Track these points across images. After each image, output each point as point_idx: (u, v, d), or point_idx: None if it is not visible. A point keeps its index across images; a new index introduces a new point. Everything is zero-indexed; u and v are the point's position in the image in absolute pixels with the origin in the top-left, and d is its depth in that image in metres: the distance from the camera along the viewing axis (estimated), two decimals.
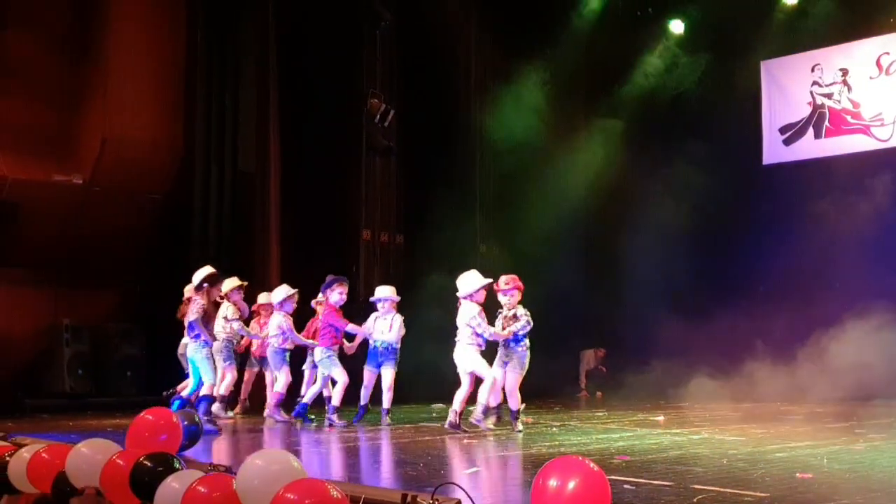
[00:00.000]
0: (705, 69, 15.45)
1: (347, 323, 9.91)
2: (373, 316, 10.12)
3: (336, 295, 9.87)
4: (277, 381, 10.32)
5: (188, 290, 10.48)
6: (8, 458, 5.92)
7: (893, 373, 13.31)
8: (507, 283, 9.11)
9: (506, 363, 9.01)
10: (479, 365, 8.96)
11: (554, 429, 9.37)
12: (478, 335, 8.89)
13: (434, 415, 11.07)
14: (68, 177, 12.77)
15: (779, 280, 14.93)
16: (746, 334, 14.87)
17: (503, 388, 9.12)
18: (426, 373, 11.69)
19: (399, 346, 10.04)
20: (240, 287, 10.18)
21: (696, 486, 5.27)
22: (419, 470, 6.36)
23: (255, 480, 4.26)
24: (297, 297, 10.26)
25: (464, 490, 3.98)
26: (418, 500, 4.02)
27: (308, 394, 10.21)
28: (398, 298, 10.14)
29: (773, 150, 15.83)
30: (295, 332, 10.20)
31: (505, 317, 9.12)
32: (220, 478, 4.57)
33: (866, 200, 14.28)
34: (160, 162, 13.34)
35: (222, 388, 9.85)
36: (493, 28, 15.52)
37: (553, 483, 3.61)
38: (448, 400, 9.45)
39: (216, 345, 9.62)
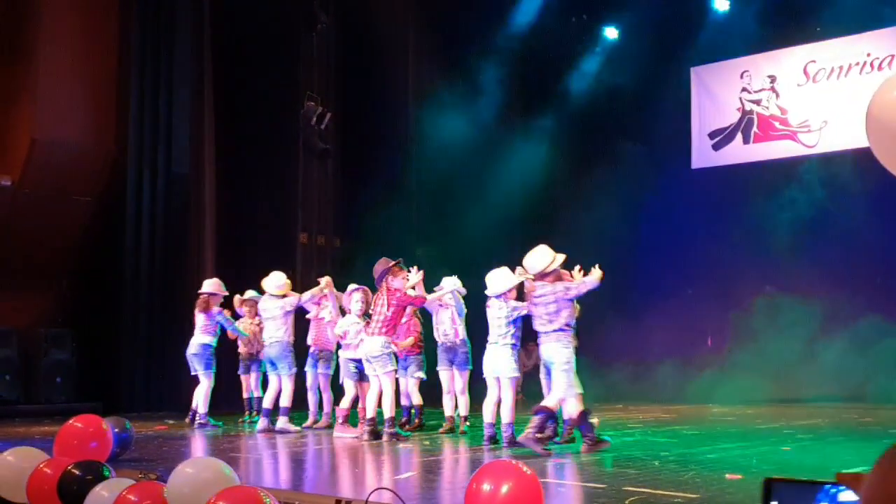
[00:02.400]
0: (637, 74, 15.68)
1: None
2: None
3: (399, 281, 8.75)
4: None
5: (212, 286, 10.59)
6: None
7: (820, 375, 13.67)
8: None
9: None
10: (512, 369, 8.01)
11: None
12: (515, 326, 7.93)
13: None
14: None
15: (707, 282, 15.24)
16: (676, 336, 15.14)
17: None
18: None
19: None
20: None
21: (629, 488, 5.34)
22: (355, 475, 6.35)
23: (185, 488, 4.22)
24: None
25: (396, 494, 3.98)
26: None
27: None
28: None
29: (702, 155, 16.14)
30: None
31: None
32: (151, 486, 4.51)
33: (793, 205, 14.63)
34: (92, 164, 13.10)
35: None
36: (431, 31, 15.56)
37: (486, 487, 3.63)
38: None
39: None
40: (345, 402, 9.21)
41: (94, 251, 13.26)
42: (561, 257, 7.72)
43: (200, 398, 10.52)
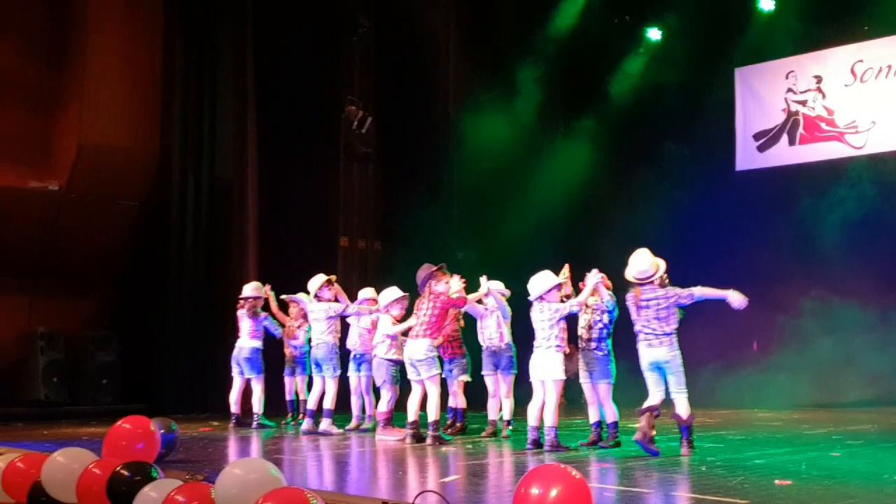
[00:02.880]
0: (681, 76, 15.52)
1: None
2: None
3: (442, 285, 8.89)
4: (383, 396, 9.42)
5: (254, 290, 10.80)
6: None
7: (868, 379, 13.44)
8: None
9: (590, 373, 8.41)
10: (557, 373, 8.04)
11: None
12: (559, 328, 8.00)
13: None
14: (44, 183, 12.67)
15: (752, 285, 14.96)
16: (720, 340, 14.94)
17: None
18: None
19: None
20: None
21: (676, 494, 5.28)
22: (399, 478, 6.34)
23: (233, 489, 4.23)
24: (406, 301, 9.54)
25: (443, 497, 3.96)
26: None
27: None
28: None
29: (747, 157, 15.94)
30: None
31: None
32: (198, 487, 4.53)
33: (840, 207, 14.40)
34: (137, 168, 13.25)
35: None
36: (471, 33, 15.54)
37: (535, 491, 3.60)
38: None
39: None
40: (384, 406, 9.22)
41: (139, 255, 13.42)
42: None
43: (255, 400, 10.69)
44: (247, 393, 10.84)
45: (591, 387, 8.47)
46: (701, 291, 7.78)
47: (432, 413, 8.61)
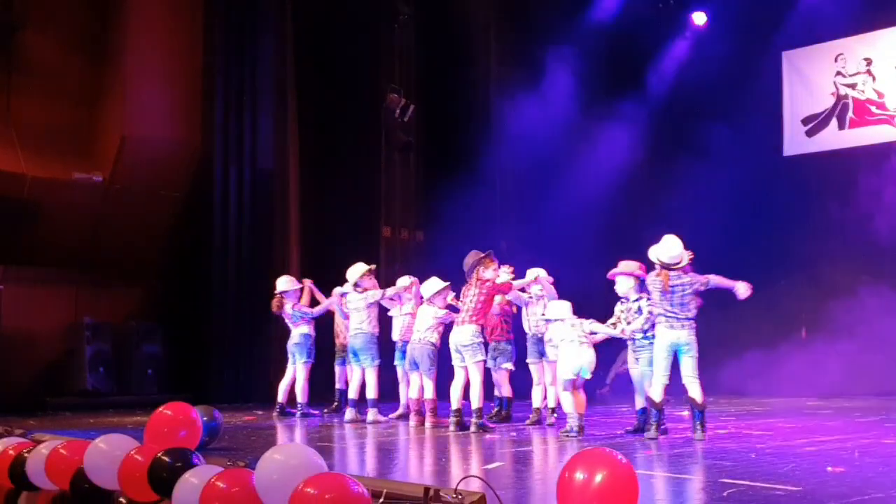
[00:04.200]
0: (727, 60, 15.25)
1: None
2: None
3: (490, 272, 8.90)
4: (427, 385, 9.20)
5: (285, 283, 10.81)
6: (26, 455, 5.87)
7: None
8: (617, 269, 8.42)
9: (638, 360, 8.41)
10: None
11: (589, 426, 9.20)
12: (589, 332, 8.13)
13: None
14: (88, 175, 12.77)
15: (801, 272, 14.76)
16: (768, 327, 14.72)
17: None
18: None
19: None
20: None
21: (726, 481, 5.15)
22: (441, 465, 6.28)
23: (274, 475, 4.17)
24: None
25: (487, 483, 3.88)
26: (441, 494, 3.92)
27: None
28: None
29: (795, 142, 15.66)
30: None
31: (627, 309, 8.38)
32: (239, 472, 4.49)
33: (892, 191, 14.09)
34: (179, 160, 13.33)
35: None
36: (513, 19, 15.38)
37: (580, 476, 3.50)
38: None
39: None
40: (430, 393, 9.13)
41: (183, 246, 13.50)
42: (688, 254, 8.01)
43: (298, 389, 10.63)
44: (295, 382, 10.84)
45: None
46: (715, 280, 8.03)
47: (475, 400, 8.57)
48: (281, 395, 10.81)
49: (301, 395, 10.65)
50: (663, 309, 7.85)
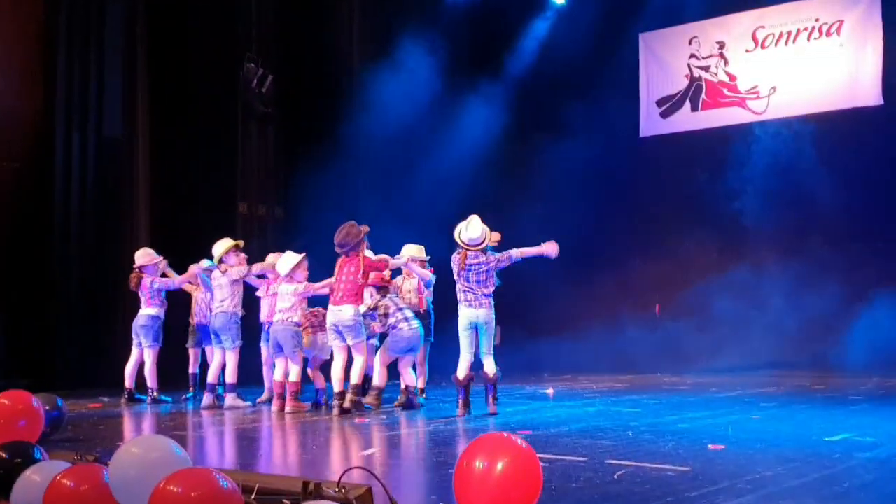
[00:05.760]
0: (586, 40, 15.33)
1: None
2: None
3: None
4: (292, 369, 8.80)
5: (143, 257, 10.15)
6: None
7: (754, 346, 13.62)
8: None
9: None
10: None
11: (445, 405, 9.01)
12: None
13: None
14: None
15: (659, 250, 15.08)
16: (623, 304, 14.99)
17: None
18: None
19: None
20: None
21: (612, 462, 5.00)
22: (313, 453, 5.91)
23: (131, 471, 3.72)
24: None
25: (376, 476, 3.55)
26: (322, 488, 3.56)
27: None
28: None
29: (651, 122, 15.94)
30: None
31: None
32: (89, 469, 4.01)
33: (741, 172, 14.51)
34: (17, 128, 12.28)
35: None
36: None
37: (479, 464, 3.22)
38: None
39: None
40: (295, 376, 8.72)
41: (20, 220, 12.46)
42: (489, 233, 8.22)
43: (147, 373, 9.97)
44: (143, 366, 10.16)
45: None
46: (518, 252, 8.27)
47: (354, 377, 8.35)
48: (128, 381, 10.14)
49: (150, 380, 10.00)
50: (463, 287, 8.13)
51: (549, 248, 8.27)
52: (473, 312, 8.08)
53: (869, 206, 13.58)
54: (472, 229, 8.10)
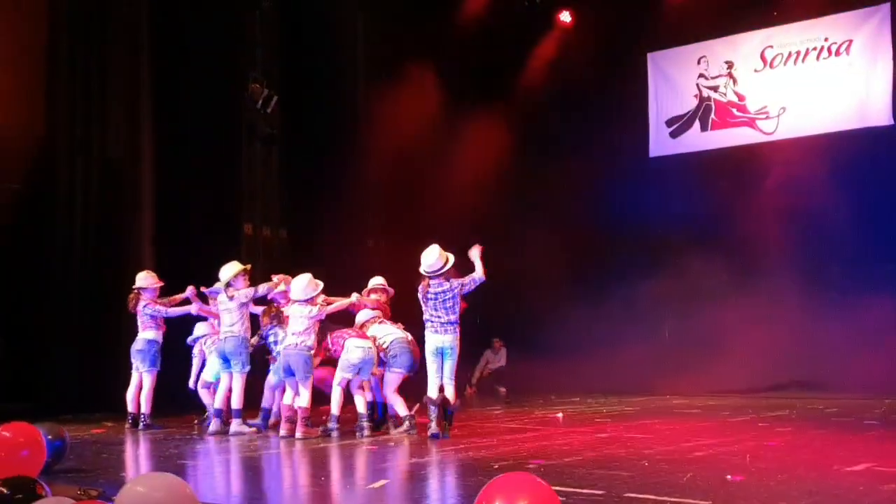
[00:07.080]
0: (594, 60, 15.26)
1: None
2: None
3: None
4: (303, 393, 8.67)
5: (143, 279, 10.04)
6: None
7: (764, 367, 13.49)
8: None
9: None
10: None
11: (455, 430, 8.84)
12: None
13: None
14: None
15: (667, 272, 14.92)
16: (633, 328, 14.82)
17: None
18: None
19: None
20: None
21: (630, 495, 4.85)
22: (322, 484, 5.73)
23: None
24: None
25: None
26: None
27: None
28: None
29: (660, 143, 15.85)
30: None
31: None
32: None
33: (751, 193, 14.39)
34: (19, 149, 12.16)
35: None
36: (381, 10, 14.89)
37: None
38: None
39: None
40: (305, 401, 8.56)
41: (22, 242, 12.33)
42: (452, 258, 8.33)
43: (144, 398, 9.81)
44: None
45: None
46: (474, 275, 8.29)
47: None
48: (130, 405, 9.97)
49: (145, 406, 9.81)
50: (429, 315, 8.29)
51: (474, 253, 8.30)
52: (439, 338, 8.25)
53: (881, 227, 13.44)
54: (429, 256, 8.25)
